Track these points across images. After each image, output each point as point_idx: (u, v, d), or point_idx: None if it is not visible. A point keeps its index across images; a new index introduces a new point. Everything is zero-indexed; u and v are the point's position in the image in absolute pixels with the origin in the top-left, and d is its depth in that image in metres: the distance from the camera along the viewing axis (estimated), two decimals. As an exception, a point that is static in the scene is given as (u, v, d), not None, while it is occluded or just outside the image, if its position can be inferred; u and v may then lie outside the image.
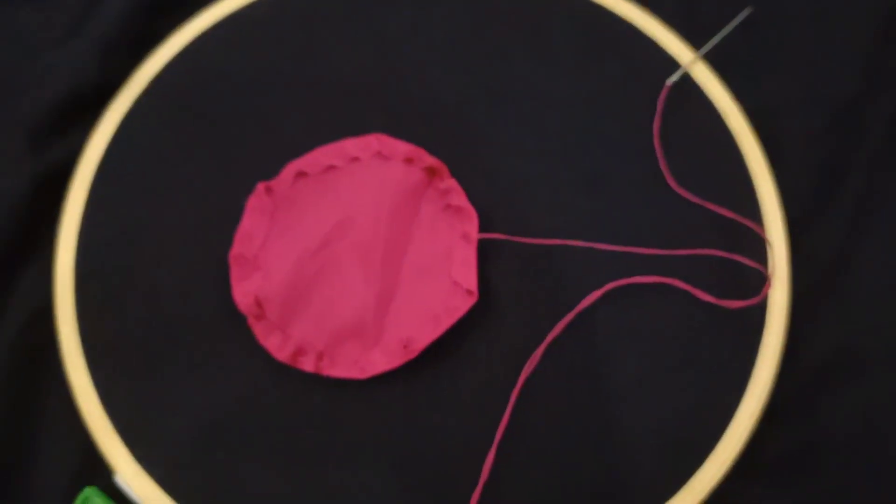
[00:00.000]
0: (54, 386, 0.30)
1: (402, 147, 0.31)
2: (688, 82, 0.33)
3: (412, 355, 0.28)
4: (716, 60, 0.33)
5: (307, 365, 0.28)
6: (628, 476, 0.29)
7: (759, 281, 0.30)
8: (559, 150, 0.32)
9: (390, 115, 0.32)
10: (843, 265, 0.32)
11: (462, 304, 0.29)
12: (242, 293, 0.28)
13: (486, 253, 0.30)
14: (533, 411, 0.29)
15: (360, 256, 0.29)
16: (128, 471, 0.28)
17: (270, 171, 0.32)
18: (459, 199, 0.30)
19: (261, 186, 0.30)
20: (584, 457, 0.29)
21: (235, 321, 0.29)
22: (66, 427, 0.29)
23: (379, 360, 0.28)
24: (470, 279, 0.29)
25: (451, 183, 0.30)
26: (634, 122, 0.32)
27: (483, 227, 0.30)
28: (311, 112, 0.33)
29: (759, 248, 0.31)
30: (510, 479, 0.28)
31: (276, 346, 0.28)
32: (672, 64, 0.33)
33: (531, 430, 0.29)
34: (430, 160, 0.30)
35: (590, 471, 0.29)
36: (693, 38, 0.33)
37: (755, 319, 0.30)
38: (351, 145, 0.31)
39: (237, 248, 0.29)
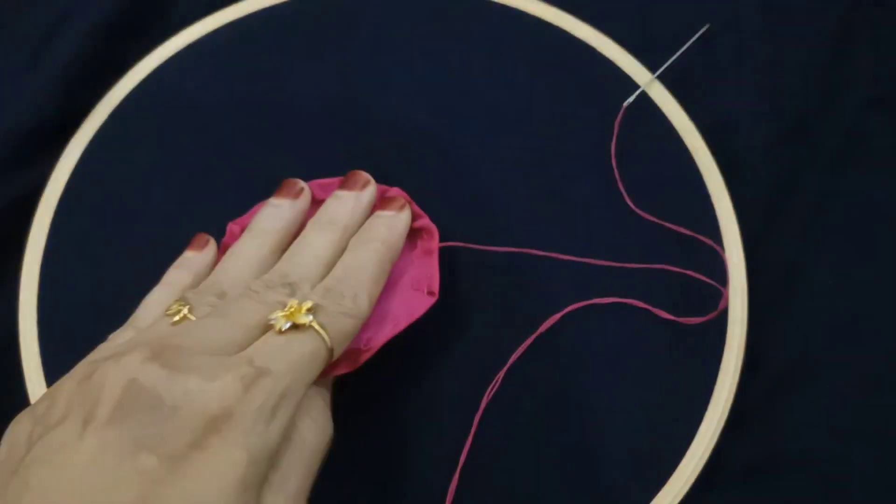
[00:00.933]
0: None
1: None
2: (645, 101, 0.34)
3: (369, 354, 0.27)
4: (671, 77, 0.34)
5: None
6: (594, 493, 0.29)
7: (716, 296, 0.31)
8: (518, 170, 0.33)
9: (352, 138, 0.33)
10: (798, 276, 0.33)
11: (421, 305, 0.28)
12: None
13: (448, 274, 0.31)
14: (497, 432, 0.29)
15: None
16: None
17: (236, 198, 0.32)
18: (420, 220, 0.30)
19: (232, 226, 0.30)
20: (551, 475, 0.29)
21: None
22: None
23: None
24: (432, 282, 0.29)
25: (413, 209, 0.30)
26: (592, 141, 0.33)
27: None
28: (276, 137, 0.33)
29: (716, 263, 0.31)
30: (476, 499, 0.29)
31: None
32: (629, 83, 0.34)
33: (496, 450, 0.29)
34: (389, 190, 0.31)
35: (556, 488, 0.29)
36: (647, 54, 0.34)
37: (715, 332, 0.31)
38: (316, 186, 0.31)
39: None
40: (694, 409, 0.30)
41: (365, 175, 0.30)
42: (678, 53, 0.34)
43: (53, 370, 0.29)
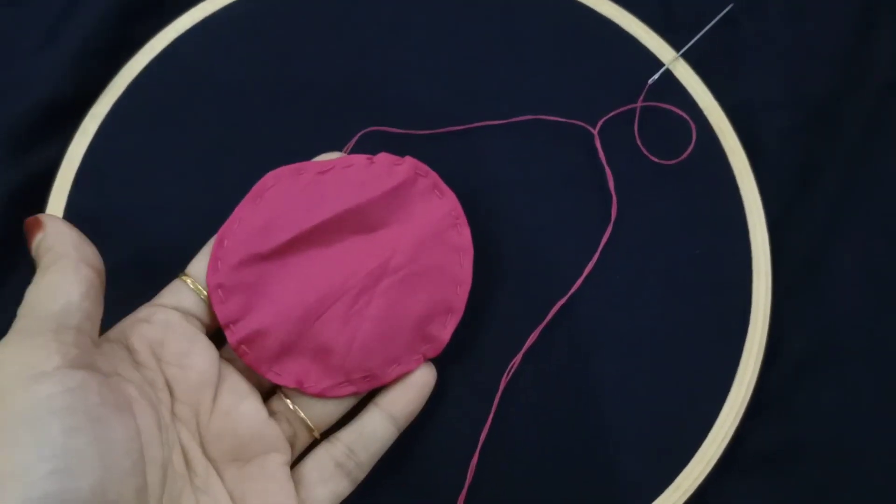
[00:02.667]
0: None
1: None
2: (669, 80, 0.33)
3: (364, 390, 0.28)
4: (694, 58, 0.33)
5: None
6: (613, 476, 0.29)
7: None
8: (539, 149, 0.32)
9: (368, 116, 0.32)
10: (822, 261, 0.32)
11: (415, 363, 0.28)
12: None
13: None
14: (516, 413, 0.29)
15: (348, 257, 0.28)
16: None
17: (252, 175, 0.31)
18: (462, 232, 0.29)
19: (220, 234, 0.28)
20: (569, 458, 0.29)
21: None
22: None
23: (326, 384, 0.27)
24: (442, 337, 0.28)
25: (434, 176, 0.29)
26: (616, 120, 0.32)
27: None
28: (292, 114, 0.33)
29: (739, 246, 0.31)
30: (495, 482, 0.28)
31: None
32: (653, 61, 0.33)
33: (515, 432, 0.29)
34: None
35: (574, 472, 0.29)
36: (670, 34, 0.33)
37: (737, 317, 0.30)
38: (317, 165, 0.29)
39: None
40: (715, 393, 0.30)
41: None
42: (703, 32, 0.33)
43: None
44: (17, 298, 0.31)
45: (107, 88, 0.32)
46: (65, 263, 0.23)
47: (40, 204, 0.31)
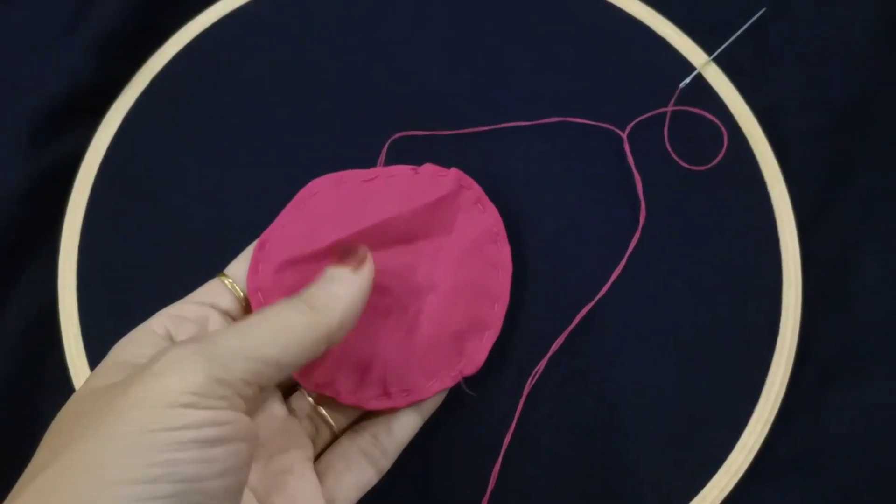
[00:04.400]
0: (57, 384, 0.29)
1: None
2: (699, 83, 0.32)
3: (401, 405, 0.27)
4: (723, 61, 0.33)
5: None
6: (641, 483, 0.28)
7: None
8: (565, 151, 0.32)
9: (393, 112, 0.32)
10: (851, 266, 0.32)
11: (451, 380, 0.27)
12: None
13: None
14: (540, 418, 0.29)
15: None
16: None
17: (275, 172, 0.31)
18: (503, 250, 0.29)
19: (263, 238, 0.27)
20: (594, 464, 0.28)
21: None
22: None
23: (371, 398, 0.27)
24: (479, 355, 0.28)
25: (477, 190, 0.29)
26: (644, 123, 0.32)
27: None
28: (316, 109, 0.32)
29: (769, 251, 0.31)
30: (518, 487, 0.28)
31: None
32: (683, 64, 0.33)
33: (539, 437, 0.29)
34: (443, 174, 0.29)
35: (599, 479, 0.28)
36: (696, 37, 0.33)
37: (766, 322, 0.30)
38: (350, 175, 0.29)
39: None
40: (743, 402, 0.29)
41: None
42: (735, 35, 0.33)
43: (92, 338, 0.29)
44: (39, 287, 0.31)
45: (131, 81, 0.32)
46: (326, 319, 0.22)
47: (63, 196, 0.31)
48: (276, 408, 0.26)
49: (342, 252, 0.24)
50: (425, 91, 0.32)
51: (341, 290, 0.23)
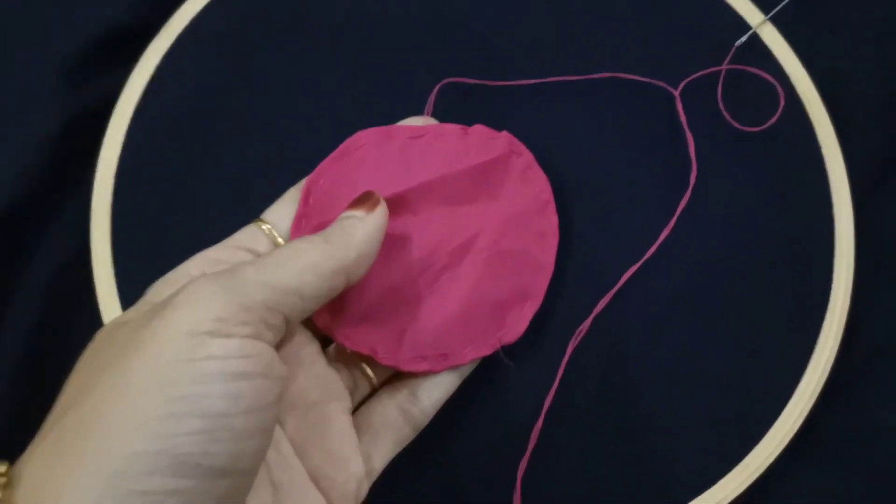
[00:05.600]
0: (89, 330, 0.28)
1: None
2: (755, 44, 0.31)
3: (438, 369, 0.26)
4: (783, 22, 0.31)
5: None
6: (681, 451, 0.28)
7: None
8: (614, 108, 0.31)
9: (440, 62, 0.31)
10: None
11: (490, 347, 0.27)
12: None
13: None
14: (581, 382, 0.28)
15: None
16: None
17: (315, 117, 0.30)
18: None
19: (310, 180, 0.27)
20: (634, 429, 0.28)
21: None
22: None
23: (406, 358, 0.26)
24: (520, 324, 0.27)
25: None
26: (697, 82, 0.30)
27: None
28: (360, 52, 0.31)
29: (821, 223, 0.29)
30: (558, 450, 0.27)
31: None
32: (739, 23, 0.31)
33: (579, 400, 0.28)
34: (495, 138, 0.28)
35: (640, 444, 0.28)
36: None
37: (816, 298, 0.29)
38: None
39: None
40: (789, 374, 0.28)
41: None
42: (792, -5, 0.31)
43: (125, 281, 0.28)
44: (72, 228, 0.30)
45: (167, 23, 0.31)
46: (341, 251, 0.22)
47: (97, 138, 0.30)
48: (316, 358, 0.25)
49: (355, 200, 0.24)
50: (476, 36, 0.31)
51: (356, 227, 0.23)
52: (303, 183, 0.27)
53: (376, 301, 0.26)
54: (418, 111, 0.30)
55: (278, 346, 0.21)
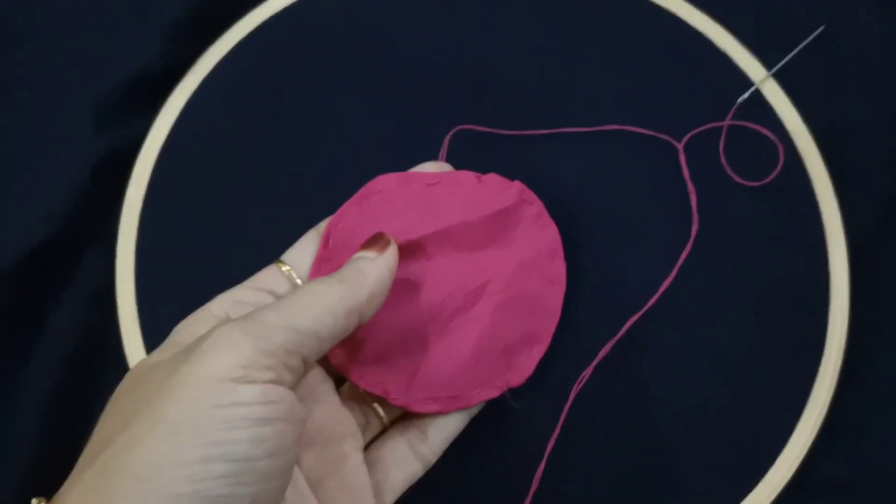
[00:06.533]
0: (114, 368, 0.30)
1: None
2: (757, 99, 0.32)
3: (448, 410, 0.27)
4: (786, 78, 0.33)
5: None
6: (679, 495, 0.29)
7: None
8: (620, 159, 0.32)
9: (455, 110, 0.32)
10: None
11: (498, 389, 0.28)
12: None
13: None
14: (584, 425, 0.29)
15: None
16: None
17: (334, 160, 0.31)
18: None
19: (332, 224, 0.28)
20: (633, 473, 0.29)
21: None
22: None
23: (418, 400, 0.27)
24: (527, 367, 0.28)
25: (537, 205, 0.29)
26: (699, 135, 0.32)
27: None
28: (378, 98, 0.33)
29: (817, 271, 0.31)
30: (559, 493, 0.28)
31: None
32: (742, 79, 0.33)
33: (582, 444, 0.29)
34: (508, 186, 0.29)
35: (638, 487, 0.29)
36: (761, 52, 0.33)
37: (813, 342, 0.30)
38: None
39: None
40: (786, 418, 0.29)
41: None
42: (794, 52, 0.33)
43: (148, 321, 0.29)
44: (97, 269, 0.31)
45: (194, 66, 0.33)
46: (355, 291, 0.23)
47: (124, 177, 0.31)
48: (331, 396, 0.26)
49: (367, 241, 0.25)
50: (490, 85, 0.33)
51: (368, 268, 0.24)
52: (321, 225, 0.28)
53: (390, 342, 0.27)
54: (433, 156, 0.31)
55: (295, 386, 0.23)
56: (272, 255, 0.27)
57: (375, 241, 0.25)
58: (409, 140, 0.32)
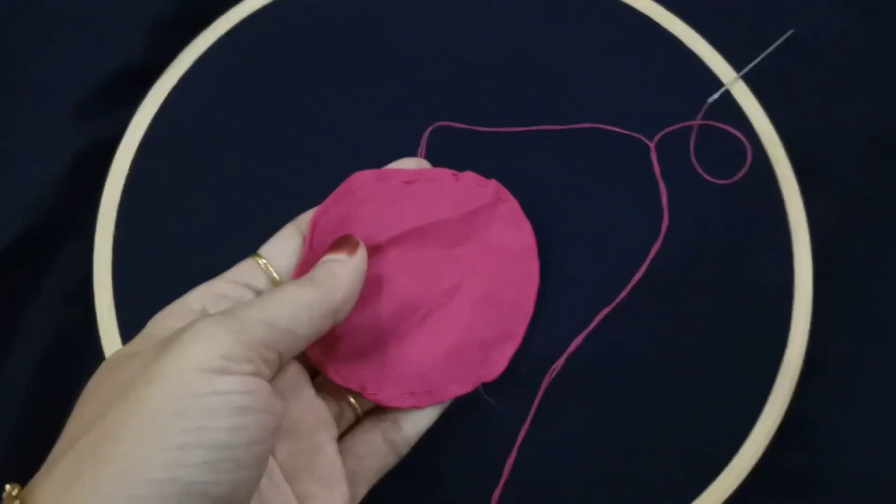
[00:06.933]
0: (90, 361, 0.30)
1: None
2: (728, 100, 0.33)
3: (423, 405, 0.28)
4: (756, 80, 0.33)
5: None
6: (646, 484, 0.29)
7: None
8: (593, 156, 0.33)
9: (435, 106, 0.33)
10: (866, 293, 0.33)
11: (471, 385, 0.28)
12: None
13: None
14: (554, 415, 0.30)
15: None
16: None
17: (312, 152, 0.32)
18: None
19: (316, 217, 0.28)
20: (602, 461, 0.30)
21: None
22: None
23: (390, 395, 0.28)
24: (500, 363, 0.29)
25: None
26: (671, 134, 0.32)
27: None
28: (356, 94, 0.33)
29: (783, 268, 0.31)
30: (530, 480, 0.29)
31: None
32: (713, 80, 0.33)
33: (552, 433, 0.30)
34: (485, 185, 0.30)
35: (606, 475, 0.30)
36: (733, 54, 0.34)
37: (776, 339, 0.31)
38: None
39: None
40: (749, 410, 0.30)
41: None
42: (763, 55, 0.34)
43: (126, 316, 0.30)
44: (75, 263, 0.31)
45: (175, 60, 0.33)
46: (329, 294, 0.24)
47: (103, 171, 0.32)
48: (306, 389, 0.27)
49: (335, 243, 0.26)
50: (469, 82, 0.33)
51: (340, 270, 0.25)
52: (299, 219, 0.28)
53: (366, 338, 0.27)
54: (413, 151, 0.32)
55: (273, 380, 0.23)
56: (249, 248, 0.28)
57: (344, 243, 0.26)
58: (389, 135, 0.32)
